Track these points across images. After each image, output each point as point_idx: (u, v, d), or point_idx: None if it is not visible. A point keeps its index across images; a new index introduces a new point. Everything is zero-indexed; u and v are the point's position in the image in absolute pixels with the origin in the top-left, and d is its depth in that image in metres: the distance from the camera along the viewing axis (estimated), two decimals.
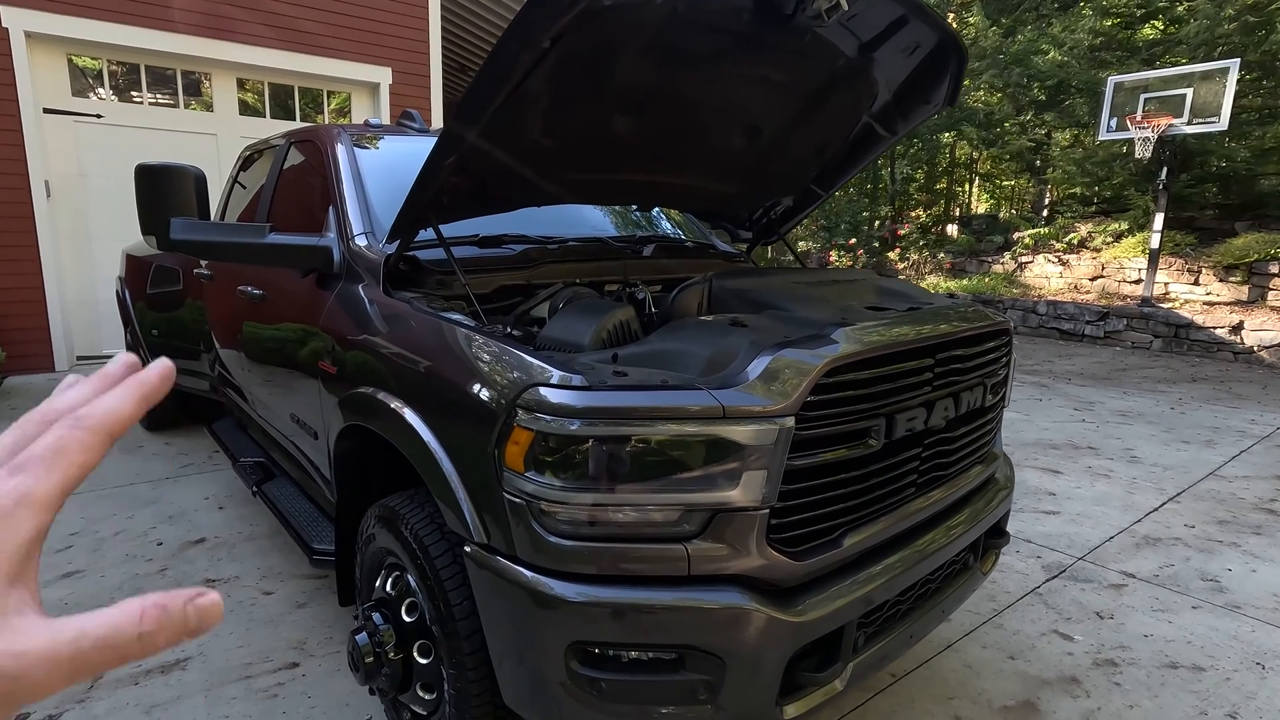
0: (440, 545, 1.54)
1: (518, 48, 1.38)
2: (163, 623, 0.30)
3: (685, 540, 1.27)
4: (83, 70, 6.11)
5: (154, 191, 2.09)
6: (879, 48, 1.94)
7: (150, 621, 0.30)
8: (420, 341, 1.63)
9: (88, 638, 0.28)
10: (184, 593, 0.31)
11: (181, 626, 0.31)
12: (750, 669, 1.29)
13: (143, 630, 0.29)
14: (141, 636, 0.29)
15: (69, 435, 0.32)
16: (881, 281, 2.07)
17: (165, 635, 0.30)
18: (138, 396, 0.35)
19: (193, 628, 0.31)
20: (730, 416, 1.22)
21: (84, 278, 6.21)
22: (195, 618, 0.31)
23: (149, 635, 0.30)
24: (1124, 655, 2.28)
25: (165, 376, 0.36)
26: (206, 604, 0.31)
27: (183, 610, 0.31)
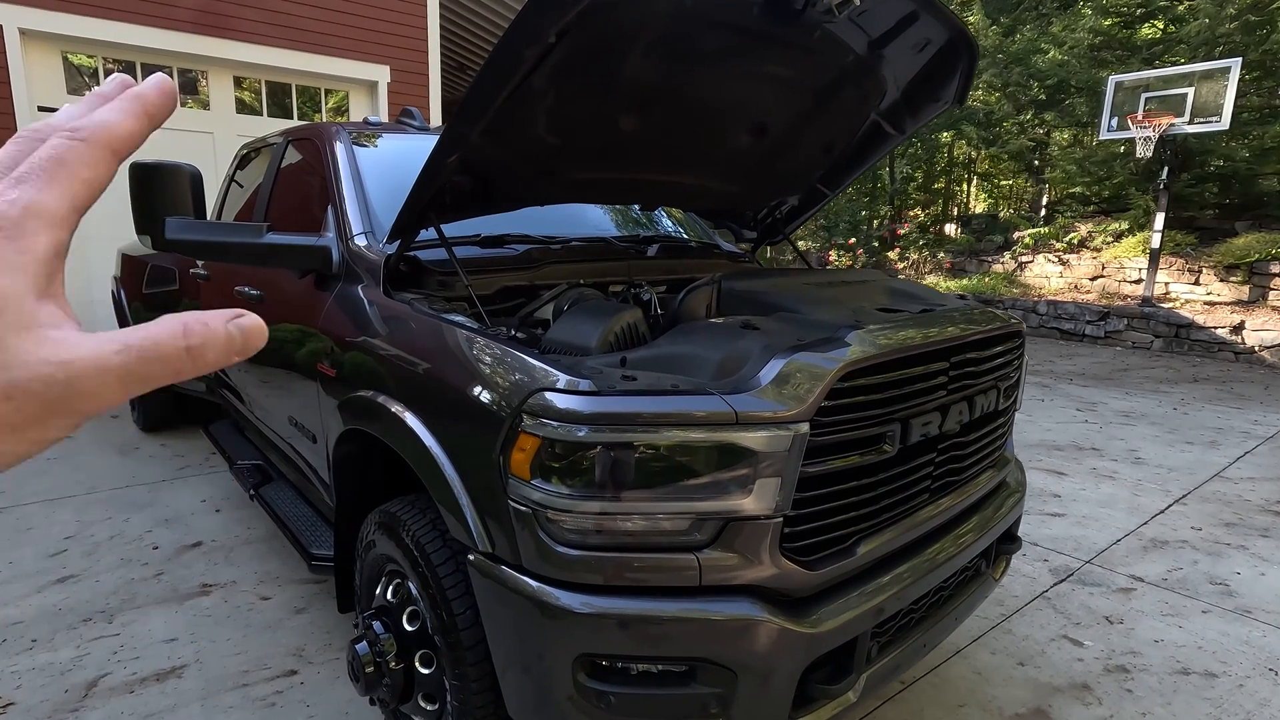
0: (442, 553, 1.51)
1: (523, 43, 1.34)
2: (208, 338, 0.30)
3: (696, 550, 1.23)
4: (78, 68, 6.06)
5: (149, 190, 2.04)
6: (888, 44, 1.90)
7: (196, 336, 0.29)
8: (422, 344, 1.59)
9: (133, 349, 0.28)
10: (223, 312, 0.31)
11: (228, 344, 0.30)
12: (763, 682, 1.26)
13: (190, 344, 0.29)
14: (190, 350, 0.29)
15: (65, 146, 0.31)
16: (892, 282, 2.04)
17: (214, 351, 0.30)
18: (136, 110, 0.33)
19: (238, 347, 0.31)
20: (743, 422, 1.18)
21: (79, 278, 6.15)
22: (240, 337, 0.31)
23: (197, 349, 0.29)
24: (1135, 661, 2.25)
25: (165, 91, 0.35)
26: (248, 324, 0.31)
27: (226, 328, 0.30)
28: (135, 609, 2.48)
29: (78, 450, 4.07)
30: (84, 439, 4.27)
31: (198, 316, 0.30)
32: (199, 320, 0.30)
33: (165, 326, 0.29)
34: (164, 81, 0.35)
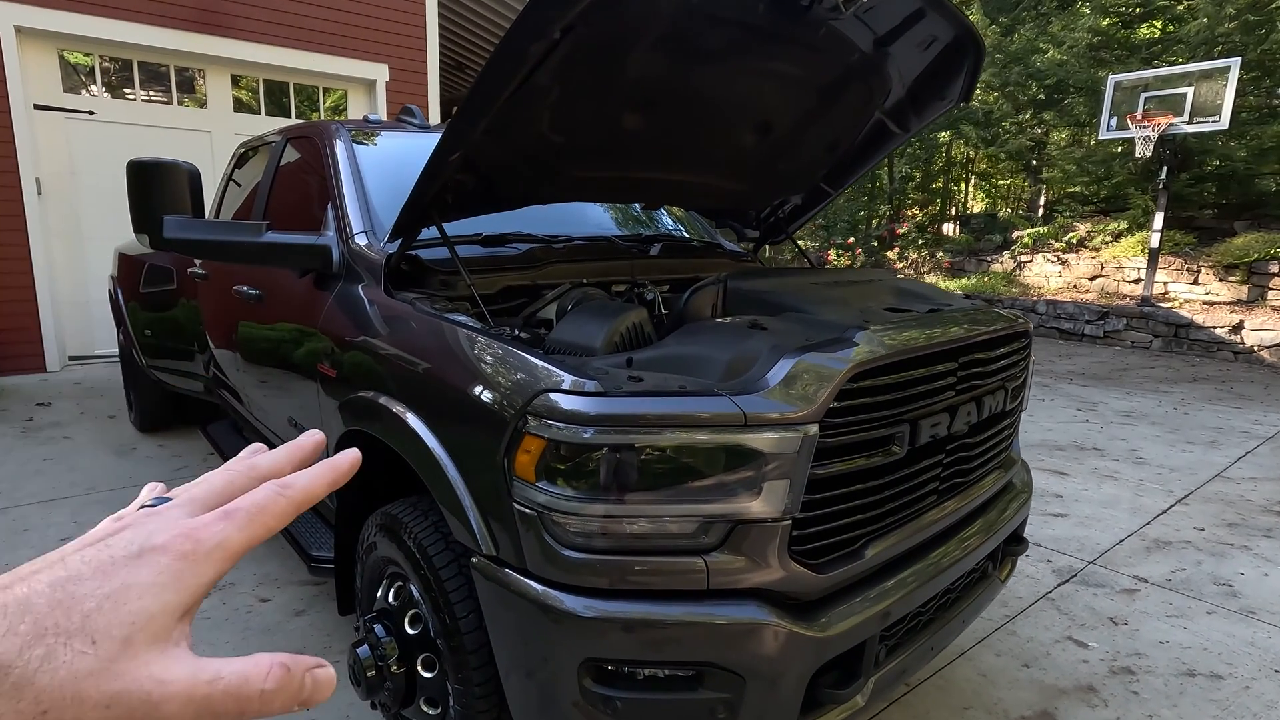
0: (445, 555, 1.49)
1: (527, 39, 1.32)
2: (283, 684, 0.31)
3: (704, 553, 1.21)
4: (74, 66, 6.03)
5: (147, 188, 2.02)
6: (894, 42, 1.89)
7: (274, 680, 0.30)
8: (424, 344, 1.57)
9: (221, 683, 0.29)
10: (306, 659, 0.32)
11: (297, 693, 0.31)
12: (771, 687, 1.24)
13: (265, 688, 0.30)
14: (263, 694, 0.30)
15: (274, 499, 0.35)
16: (898, 282, 2.02)
17: (282, 699, 0.31)
18: (330, 479, 0.38)
19: (306, 697, 0.32)
20: (752, 424, 1.17)
21: (76, 277, 6.12)
22: (311, 687, 0.32)
23: (269, 695, 0.30)
24: (1140, 663, 2.24)
25: (354, 465, 0.39)
26: (323, 677, 0.32)
27: (301, 678, 0.31)
28: None
29: (74, 451, 4.04)
30: (81, 439, 4.25)
31: (283, 660, 0.31)
32: (282, 665, 0.31)
33: (256, 665, 0.30)
34: (354, 456, 0.40)
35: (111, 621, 0.28)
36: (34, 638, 0.27)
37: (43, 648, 0.27)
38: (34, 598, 0.28)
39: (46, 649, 0.27)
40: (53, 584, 0.28)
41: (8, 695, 0.26)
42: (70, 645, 0.27)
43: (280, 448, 0.40)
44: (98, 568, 0.29)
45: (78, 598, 0.28)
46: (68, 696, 0.27)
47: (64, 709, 0.27)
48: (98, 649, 0.28)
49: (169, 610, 0.30)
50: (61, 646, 0.27)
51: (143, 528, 0.32)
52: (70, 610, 0.28)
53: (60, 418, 4.68)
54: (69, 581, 0.29)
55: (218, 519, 0.33)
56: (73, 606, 0.28)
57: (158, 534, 0.31)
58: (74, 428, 4.47)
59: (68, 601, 0.28)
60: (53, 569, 0.29)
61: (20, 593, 0.28)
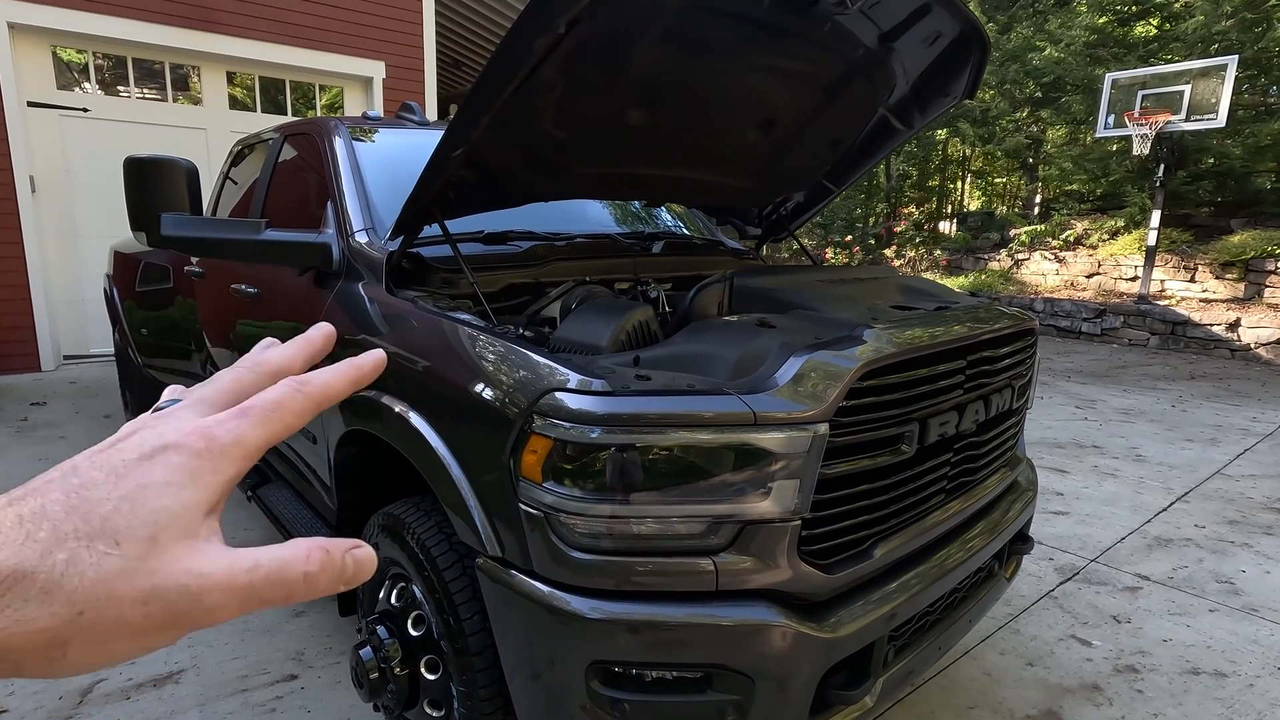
0: (449, 556, 1.47)
1: (532, 33, 1.31)
2: (326, 565, 0.31)
3: (713, 553, 1.20)
4: (68, 64, 5.98)
5: (144, 185, 2.00)
6: (899, 37, 1.87)
7: (315, 562, 0.31)
8: (427, 342, 1.55)
9: (261, 570, 0.30)
10: (343, 541, 0.32)
11: (340, 573, 0.32)
12: (780, 688, 1.23)
13: (308, 570, 0.31)
14: (307, 576, 0.30)
15: (291, 395, 0.34)
16: (905, 279, 2.01)
17: (326, 579, 0.31)
18: (353, 378, 0.37)
19: (349, 576, 0.32)
20: (762, 423, 1.15)
21: (70, 275, 6.08)
22: (353, 566, 0.32)
23: (313, 576, 0.31)
24: (1144, 661, 2.23)
25: (378, 366, 0.39)
26: (363, 556, 0.33)
27: (342, 558, 0.32)
28: None
29: (70, 451, 4.01)
30: (76, 439, 4.22)
31: (320, 543, 0.31)
32: (321, 546, 0.31)
33: (294, 550, 0.31)
34: (379, 357, 0.39)
35: (133, 522, 0.28)
36: (54, 543, 0.27)
37: (65, 552, 0.27)
38: (49, 506, 0.27)
39: (69, 553, 0.27)
40: (66, 491, 0.28)
41: (37, 600, 0.26)
42: (93, 548, 0.27)
43: (289, 342, 0.39)
44: (110, 471, 0.29)
45: (93, 502, 0.28)
46: (101, 596, 0.27)
47: (100, 608, 0.27)
48: (123, 549, 0.28)
49: (191, 507, 0.30)
50: (84, 550, 0.27)
51: (154, 430, 0.31)
52: (88, 515, 0.28)
53: (55, 417, 4.65)
54: (83, 488, 0.28)
55: (232, 416, 0.32)
56: (90, 511, 0.28)
57: (169, 434, 0.31)
58: (69, 427, 4.44)
59: (84, 507, 0.28)
60: (65, 478, 0.29)
61: (34, 503, 0.28)
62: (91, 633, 0.27)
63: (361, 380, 0.38)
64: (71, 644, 0.27)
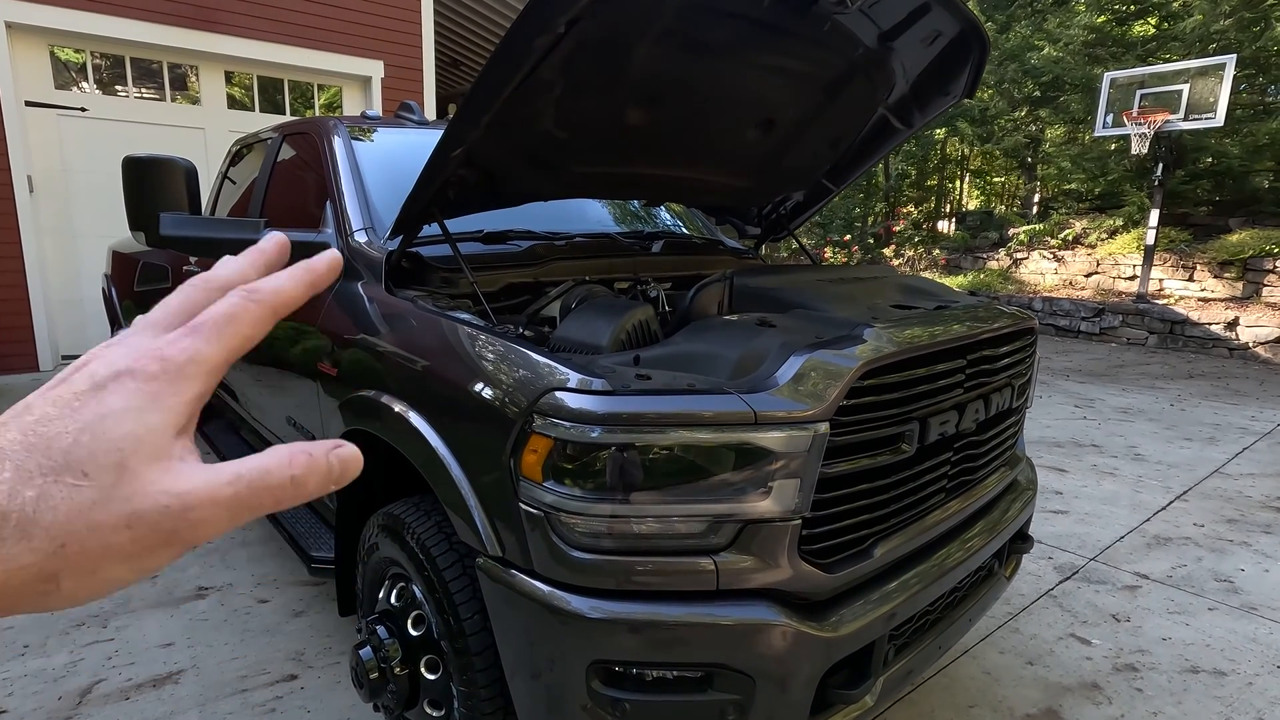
0: (449, 556, 1.47)
1: (532, 32, 1.30)
2: (310, 468, 0.31)
3: (713, 553, 1.20)
4: (65, 63, 5.97)
5: (142, 185, 1.99)
6: (898, 37, 1.87)
7: (300, 466, 0.31)
8: (427, 342, 1.55)
9: (243, 480, 0.30)
10: (324, 442, 0.32)
11: (327, 474, 0.32)
12: (781, 687, 1.23)
13: (294, 473, 0.31)
14: (294, 479, 0.31)
15: (242, 305, 0.34)
16: (905, 279, 2.01)
17: (314, 480, 0.31)
18: (307, 281, 0.36)
19: (337, 476, 0.32)
20: (762, 422, 1.15)
21: (69, 275, 6.06)
22: (339, 466, 0.32)
23: (300, 479, 0.31)
24: (1144, 660, 2.23)
25: (333, 267, 0.37)
26: (347, 454, 0.33)
27: (326, 458, 0.32)
28: (129, 613, 2.43)
29: None
30: None
31: (302, 447, 0.32)
32: (303, 450, 0.31)
33: (274, 456, 0.31)
34: (334, 256, 0.38)
35: (95, 451, 0.28)
36: (19, 481, 0.27)
37: (32, 489, 0.27)
38: (7, 446, 0.27)
39: (37, 490, 0.27)
40: (23, 430, 0.28)
41: (14, 538, 0.26)
42: (61, 481, 0.27)
43: (240, 254, 0.37)
44: (63, 406, 0.29)
45: (50, 436, 0.28)
46: (80, 527, 0.27)
47: (83, 539, 0.27)
48: (92, 479, 0.28)
49: (156, 429, 0.30)
50: (52, 484, 0.27)
51: (103, 359, 0.31)
52: (48, 450, 0.28)
53: None
54: (38, 424, 0.28)
55: (183, 334, 0.32)
56: (49, 446, 0.28)
57: (119, 360, 0.31)
58: None
59: (42, 443, 0.28)
60: (19, 418, 0.29)
61: None
62: (80, 563, 0.27)
63: (317, 283, 0.36)
64: (62, 576, 0.27)
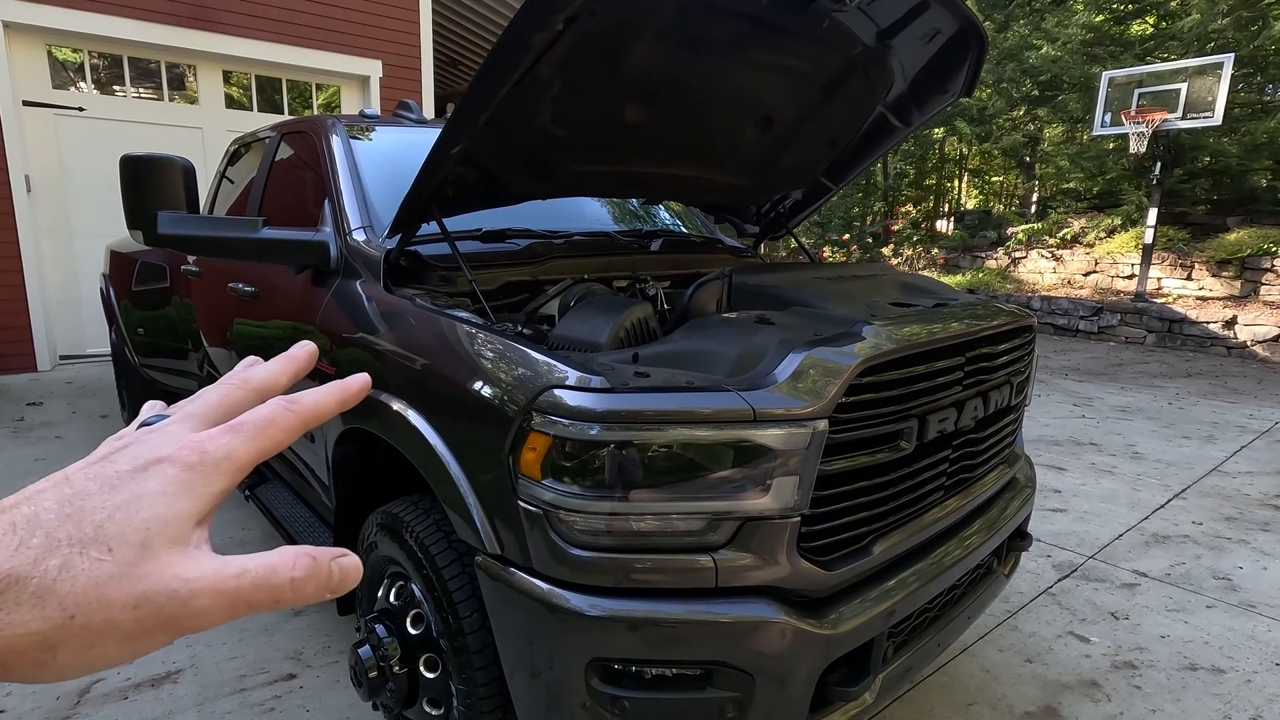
0: (448, 554, 1.47)
1: (531, 29, 1.30)
2: (312, 572, 0.31)
3: (713, 550, 1.20)
4: (63, 63, 5.96)
5: (140, 184, 1.99)
6: (897, 35, 1.87)
7: (301, 569, 0.31)
8: (426, 340, 1.55)
9: (249, 575, 0.30)
10: (330, 550, 0.33)
11: (327, 580, 0.32)
12: (781, 685, 1.23)
13: (294, 576, 0.31)
14: (293, 582, 0.31)
15: (281, 414, 0.35)
16: (903, 276, 2.01)
17: (313, 585, 0.32)
18: (339, 398, 0.38)
19: (335, 584, 0.32)
20: (761, 420, 1.15)
21: (66, 275, 6.06)
22: (339, 574, 0.33)
23: (300, 582, 0.31)
24: (1142, 657, 2.24)
25: (363, 389, 0.40)
26: (348, 564, 0.33)
27: (329, 565, 0.32)
28: None
29: (67, 451, 4.00)
30: (73, 439, 4.20)
31: (307, 551, 0.32)
32: (308, 554, 0.32)
33: (281, 557, 0.31)
34: (365, 380, 0.40)
35: (125, 529, 0.29)
36: (47, 550, 0.27)
37: (58, 558, 0.27)
38: (42, 514, 0.28)
39: (62, 559, 0.27)
40: (60, 500, 0.29)
41: (29, 604, 0.26)
42: (86, 554, 0.28)
43: (274, 360, 0.40)
44: (104, 482, 0.30)
45: (87, 510, 0.29)
46: (92, 601, 0.28)
47: (91, 613, 0.28)
48: (115, 555, 0.28)
49: (183, 516, 0.31)
50: (77, 555, 0.28)
51: (146, 444, 0.32)
52: (81, 522, 0.28)
53: (52, 417, 4.63)
54: (77, 497, 0.29)
55: (223, 432, 0.33)
56: (83, 519, 0.29)
57: (162, 448, 0.32)
58: (66, 427, 4.43)
59: (77, 515, 0.29)
60: (58, 488, 0.30)
61: (27, 510, 0.28)
62: (81, 636, 0.27)
63: (348, 401, 0.39)
64: (61, 648, 0.27)
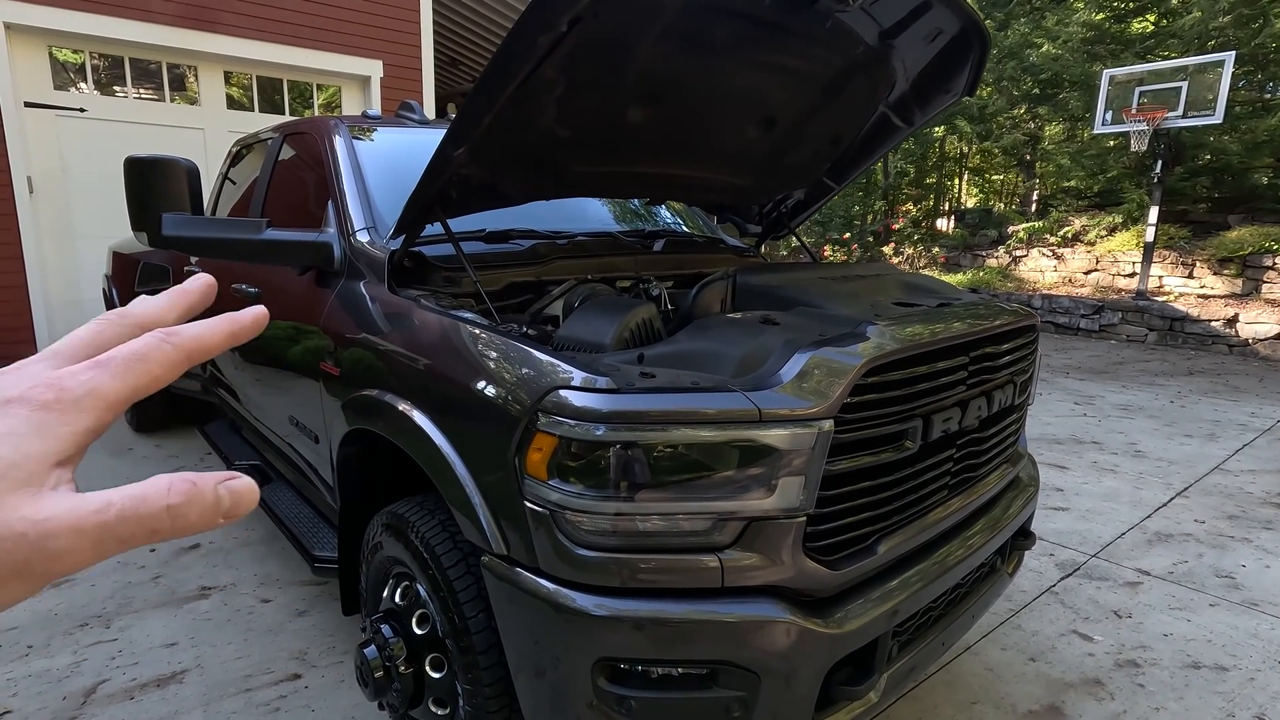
0: (453, 554, 1.47)
1: (535, 30, 1.31)
2: (192, 497, 0.29)
3: (718, 550, 1.20)
4: (64, 64, 5.96)
5: (144, 185, 1.99)
6: (899, 34, 1.87)
7: (178, 494, 0.29)
8: (431, 341, 1.55)
9: (113, 508, 0.28)
10: (215, 474, 0.31)
11: (214, 506, 0.30)
12: (786, 684, 1.23)
13: (171, 502, 0.29)
14: (170, 509, 0.29)
15: (156, 345, 0.33)
16: (906, 276, 2.02)
17: (196, 512, 0.29)
18: (228, 331, 0.35)
19: (226, 509, 0.30)
20: (766, 420, 1.16)
21: (69, 276, 6.06)
22: (228, 499, 0.30)
23: (178, 509, 0.29)
24: (1145, 656, 2.24)
25: (258, 322, 0.37)
26: (239, 487, 0.31)
27: (214, 489, 0.30)
28: (133, 613, 2.43)
29: None
30: None
31: (186, 475, 0.30)
32: (186, 479, 0.29)
33: (152, 484, 0.29)
34: (260, 313, 0.37)
35: None
36: None
37: None
38: None
39: None
40: None
41: None
42: None
43: (163, 293, 0.37)
44: None
45: None
46: None
47: None
48: None
49: (34, 457, 0.28)
50: None
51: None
52: None
53: None
54: None
55: (87, 368, 0.31)
56: None
57: (11, 387, 0.30)
58: None
59: None
60: None
61: None
62: None
63: (239, 335, 0.36)
64: None
